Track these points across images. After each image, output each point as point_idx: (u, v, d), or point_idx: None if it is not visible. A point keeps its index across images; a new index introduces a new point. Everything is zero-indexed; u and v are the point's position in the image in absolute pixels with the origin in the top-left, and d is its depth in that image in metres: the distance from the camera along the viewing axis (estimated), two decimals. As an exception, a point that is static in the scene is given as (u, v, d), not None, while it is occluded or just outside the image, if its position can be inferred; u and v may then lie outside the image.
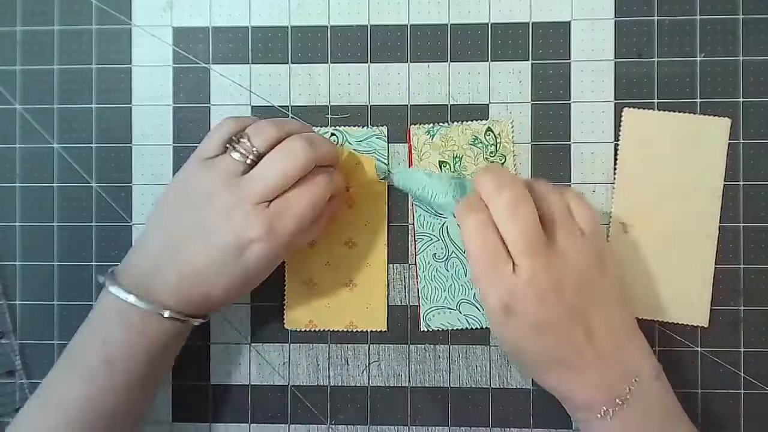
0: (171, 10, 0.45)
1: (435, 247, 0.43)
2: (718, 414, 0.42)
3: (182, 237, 0.35)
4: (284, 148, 0.36)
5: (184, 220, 0.36)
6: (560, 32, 0.43)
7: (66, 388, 0.35)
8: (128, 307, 0.35)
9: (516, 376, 0.43)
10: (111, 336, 0.35)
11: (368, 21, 0.44)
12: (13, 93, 0.45)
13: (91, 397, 0.34)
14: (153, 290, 0.35)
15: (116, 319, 0.35)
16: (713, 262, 0.42)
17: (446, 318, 0.43)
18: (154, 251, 0.36)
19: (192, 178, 0.37)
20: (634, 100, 0.43)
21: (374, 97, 0.44)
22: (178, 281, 0.35)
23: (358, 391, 0.44)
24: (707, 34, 0.43)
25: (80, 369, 0.35)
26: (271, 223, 0.35)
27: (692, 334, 0.43)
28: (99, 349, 0.35)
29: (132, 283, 0.35)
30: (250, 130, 0.37)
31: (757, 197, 0.42)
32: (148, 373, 0.36)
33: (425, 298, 0.43)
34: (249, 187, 0.35)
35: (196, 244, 0.35)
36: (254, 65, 0.45)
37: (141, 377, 0.36)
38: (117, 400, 0.35)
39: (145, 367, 0.36)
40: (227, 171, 0.36)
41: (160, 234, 0.36)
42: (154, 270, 0.35)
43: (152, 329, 0.35)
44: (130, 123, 0.45)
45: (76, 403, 0.34)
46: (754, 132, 0.42)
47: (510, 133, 0.43)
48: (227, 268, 0.35)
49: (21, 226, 0.45)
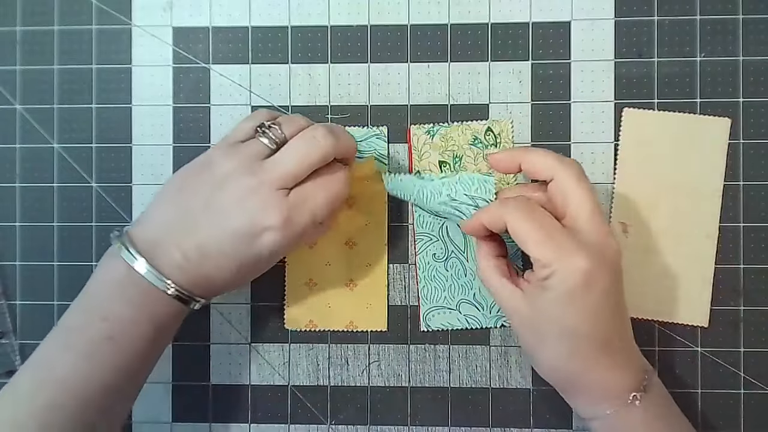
0: (171, 10, 0.45)
1: (435, 247, 0.43)
2: (718, 414, 0.42)
3: (193, 215, 0.34)
4: (306, 135, 0.36)
5: (197, 197, 0.35)
6: (560, 32, 0.43)
7: (65, 363, 0.33)
8: (130, 281, 0.34)
9: (516, 376, 0.43)
10: (113, 312, 0.34)
11: (368, 21, 0.44)
12: (13, 93, 0.45)
13: (92, 373, 0.33)
14: (156, 264, 0.34)
15: (119, 294, 0.34)
16: (713, 262, 0.42)
17: (446, 318, 0.43)
18: (161, 224, 0.35)
19: (214, 157, 0.36)
20: (634, 100, 0.43)
21: (374, 97, 0.44)
22: (182, 260, 0.34)
23: (358, 391, 0.44)
24: (707, 34, 0.43)
25: (81, 345, 0.34)
26: (289, 212, 0.34)
27: (692, 334, 0.43)
28: (100, 325, 0.34)
29: (138, 251, 0.34)
30: (283, 119, 0.37)
31: (757, 197, 0.42)
32: (149, 350, 0.35)
33: (425, 298, 0.43)
34: (269, 171, 0.34)
35: (207, 224, 0.34)
36: (254, 65, 0.45)
37: (142, 354, 0.35)
38: (118, 376, 0.34)
39: (146, 344, 0.35)
40: (251, 154, 0.35)
41: (172, 207, 0.35)
42: (158, 243, 0.34)
43: (154, 306, 0.35)
44: (130, 123, 0.45)
45: (76, 380, 0.33)
46: (754, 132, 0.42)
47: (510, 133, 0.43)
48: (236, 253, 0.35)
49: (21, 226, 0.45)
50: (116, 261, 0.34)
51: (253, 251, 0.35)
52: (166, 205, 0.36)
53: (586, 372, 0.35)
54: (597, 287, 0.33)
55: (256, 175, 0.34)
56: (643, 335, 0.42)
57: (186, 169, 0.37)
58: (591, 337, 0.34)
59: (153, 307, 0.35)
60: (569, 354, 0.34)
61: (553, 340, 0.34)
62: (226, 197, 0.34)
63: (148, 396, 0.44)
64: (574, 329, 0.34)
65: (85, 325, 0.34)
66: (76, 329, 0.35)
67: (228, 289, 0.38)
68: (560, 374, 0.36)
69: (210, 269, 0.35)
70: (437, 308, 0.43)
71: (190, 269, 0.34)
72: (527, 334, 0.36)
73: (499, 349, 0.43)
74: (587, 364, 0.34)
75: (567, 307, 0.33)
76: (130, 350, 0.34)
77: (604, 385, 0.35)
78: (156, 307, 0.35)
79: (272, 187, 0.34)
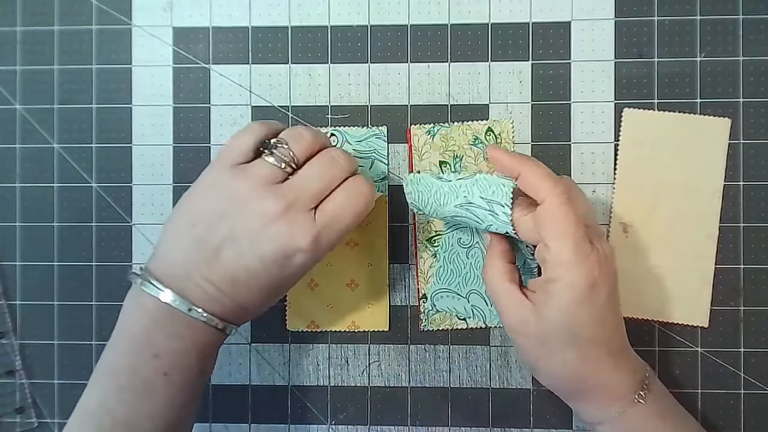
0: (171, 10, 0.45)
1: (463, 233, 0.43)
2: (718, 414, 0.42)
3: (216, 247, 0.33)
4: (328, 156, 0.35)
5: (218, 229, 0.33)
6: (560, 32, 0.43)
7: (126, 406, 0.33)
8: (169, 315, 0.33)
9: (516, 376, 0.43)
10: (163, 348, 0.33)
11: (368, 21, 0.44)
12: (13, 93, 0.45)
13: (154, 411, 0.33)
14: (190, 299, 0.33)
15: (162, 330, 0.33)
16: (713, 262, 0.42)
17: (453, 303, 0.43)
18: (184, 261, 0.34)
19: (222, 184, 0.34)
20: (634, 100, 0.43)
21: (374, 97, 0.44)
22: (215, 292, 0.34)
23: (358, 391, 0.44)
24: (707, 34, 0.43)
25: (138, 384, 0.33)
26: (320, 234, 0.33)
27: (692, 334, 0.43)
28: (153, 363, 0.33)
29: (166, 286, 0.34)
30: (287, 136, 0.35)
31: (757, 197, 0.42)
32: (198, 382, 0.35)
33: (438, 277, 0.43)
34: (294, 195, 0.33)
35: (235, 255, 0.33)
36: (254, 65, 0.45)
37: (193, 387, 0.35)
38: (177, 412, 0.34)
39: (196, 377, 0.35)
40: (265, 177, 0.33)
41: (189, 242, 0.34)
42: (187, 278, 0.33)
43: (198, 337, 0.34)
44: (130, 123, 0.45)
45: (141, 421, 0.33)
46: (754, 132, 0.42)
47: (510, 133, 0.43)
48: (269, 278, 0.34)
49: (21, 226, 0.45)
50: (146, 299, 0.34)
51: (285, 273, 0.34)
52: (183, 241, 0.34)
53: (594, 376, 0.35)
54: (603, 290, 0.33)
55: (281, 198, 0.33)
56: (643, 335, 0.43)
57: (192, 197, 0.35)
58: (597, 341, 0.34)
59: (197, 338, 0.34)
60: (579, 360, 0.34)
61: (562, 347, 0.34)
62: (252, 225, 0.33)
63: (148, 396, 0.44)
64: (582, 334, 0.34)
65: (137, 365, 0.33)
66: (127, 371, 0.33)
67: (262, 311, 0.37)
68: (569, 382, 0.35)
69: (244, 296, 0.34)
70: (447, 291, 0.43)
71: (224, 300, 0.34)
72: (533, 345, 0.35)
73: (499, 349, 0.43)
74: (595, 367, 0.34)
75: (577, 311, 0.33)
76: (184, 384, 0.34)
77: (611, 387, 0.35)
78: (199, 337, 0.34)
79: (299, 210, 0.33)
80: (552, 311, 0.34)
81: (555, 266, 0.33)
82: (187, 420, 0.36)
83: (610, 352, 0.34)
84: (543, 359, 0.35)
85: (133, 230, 0.45)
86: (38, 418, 0.45)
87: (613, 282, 0.34)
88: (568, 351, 0.34)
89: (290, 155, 0.34)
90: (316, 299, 0.44)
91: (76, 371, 0.45)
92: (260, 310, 0.36)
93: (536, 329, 0.35)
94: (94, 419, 0.33)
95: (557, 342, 0.34)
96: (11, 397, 0.45)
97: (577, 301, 0.33)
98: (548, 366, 0.35)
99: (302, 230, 0.33)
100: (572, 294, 0.33)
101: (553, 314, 0.34)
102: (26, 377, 0.45)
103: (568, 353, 0.34)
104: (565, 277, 0.33)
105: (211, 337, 0.35)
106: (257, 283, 0.34)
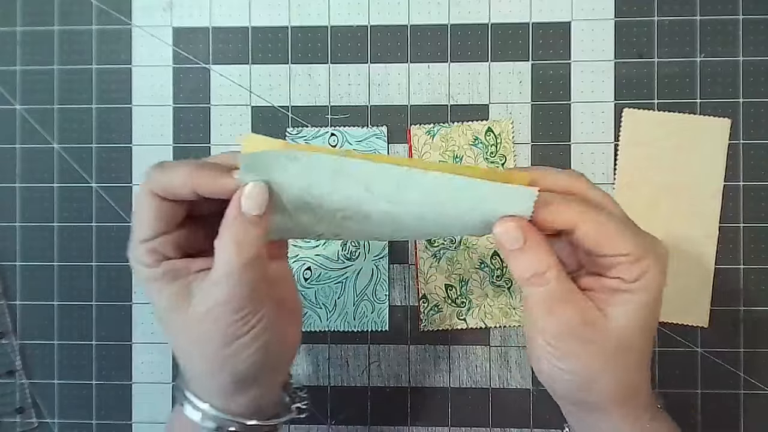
0: (171, 10, 0.45)
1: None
2: (718, 414, 0.42)
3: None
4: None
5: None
6: (560, 32, 0.43)
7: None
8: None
9: (516, 376, 0.43)
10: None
11: (368, 21, 0.44)
12: (13, 93, 0.45)
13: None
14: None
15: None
16: (713, 262, 0.42)
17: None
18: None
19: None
20: (634, 100, 0.43)
21: (374, 97, 0.44)
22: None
23: (358, 391, 0.44)
24: (707, 34, 0.43)
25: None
26: None
27: (692, 334, 0.43)
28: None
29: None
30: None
31: (757, 197, 0.42)
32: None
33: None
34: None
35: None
36: (254, 65, 0.45)
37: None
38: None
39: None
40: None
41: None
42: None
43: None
44: (130, 123, 0.45)
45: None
46: (754, 132, 0.42)
47: (510, 134, 0.43)
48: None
49: (21, 226, 0.45)
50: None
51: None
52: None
53: (641, 384, 0.31)
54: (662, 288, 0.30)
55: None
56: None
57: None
58: (648, 345, 0.31)
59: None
60: (634, 367, 0.30)
61: (629, 351, 0.29)
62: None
63: (148, 396, 0.44)
64: (651, 334, 0.30)
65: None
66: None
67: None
68: (617, 394, 0.30)
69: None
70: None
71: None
72: (594, 350, 0.29)
73: (499, 349, 0.43)
74: (643, 375, 0.31)
75: (654, 311, 0.30)
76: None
77: (646, 395, 0.31)
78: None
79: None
80: (631, 311, 0.29)
81: (630, 266, 0.29)
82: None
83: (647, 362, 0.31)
84: (600, 371, 0.30)
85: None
86: (38, 418, 0.45)
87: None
88: (627, 357, 0.30)
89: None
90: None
91: (76, 371, 0.45)
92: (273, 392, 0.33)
93: (604, 333, 0.29)
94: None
95: (627, 345, 0.29)
96: (11, 397, 0.45)
97: (657, 300, 0.30)
98: (609, 374, 0.30)
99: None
100: (657, 292, 0.29)
101: (631, 314, 0.29)
102: (26, 377, 0.45)
103: (627, 360, 0.30)
104: (648, 273, 0.29)
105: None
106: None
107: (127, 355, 0.45)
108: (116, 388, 0.45)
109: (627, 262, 0.29)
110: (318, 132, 0.44)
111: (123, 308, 0.45)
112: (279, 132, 0.44)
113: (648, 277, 0.29)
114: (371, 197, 0.27)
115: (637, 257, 0.29)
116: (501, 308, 0.43)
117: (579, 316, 0.29)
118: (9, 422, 0.45)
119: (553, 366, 0.30)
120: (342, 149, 0.38)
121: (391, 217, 0.28)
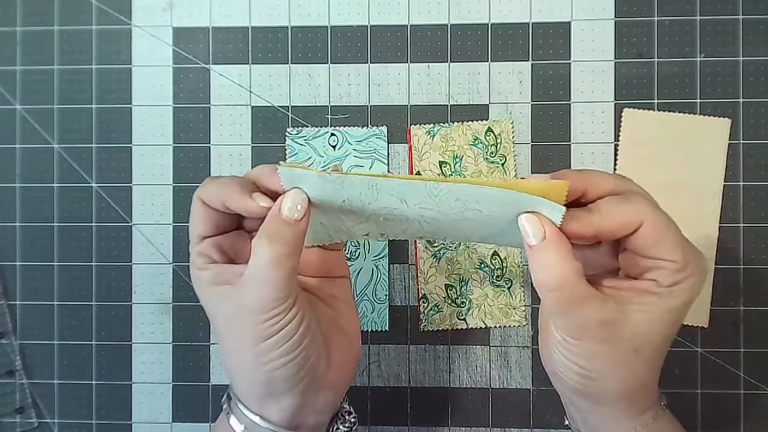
0: (171, 10, 0.45)
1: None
2: (718, 414, 0.42)
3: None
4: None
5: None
6: (560, 32, 0.43)
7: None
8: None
9: (516, 376, 0.43)
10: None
11: (368, 21, 0.44)
12: (13, 93, 0.45)
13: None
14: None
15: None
16: (713, 262, 0.42)
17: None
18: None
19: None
20: (634, 100, 0.43)
21: (374, 97, 0.44)
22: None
23: (358, 391, 0.44)
24: (707, 34, 0.43)
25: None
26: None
27: (692, 334, 0.43)
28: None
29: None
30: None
31: (757, 197, 0.42)
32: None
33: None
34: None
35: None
36: (254, 65, 0.45)
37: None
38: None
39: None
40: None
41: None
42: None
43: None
44: (130, 123, 0.45)
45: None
46: (754, 132, 0.43)
47: (510, 134, 0.43)
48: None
49: (21, 226, 0.45)
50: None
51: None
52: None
53: (650, 381, 0.31)
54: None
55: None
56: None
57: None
58: (666, 348, 0.31)
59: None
60: (647, 367, 0.30)
61: (641, 354, 0.29)
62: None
63: (148, 396, 0.44)
64: (666, 341, 0.30)
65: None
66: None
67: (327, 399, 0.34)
68: (625, 390, 0.30)
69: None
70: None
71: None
72: (611, 349, 0.29)
73: (499, 349, 0.43)
74: (654, 374, 0.31)
75: (679, 319, 0.30)
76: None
77: (652, 391, 0.32)
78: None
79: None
80: (656, 314, 0.29)
81: (673, 273, 0.29)
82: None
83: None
84: (619, 366, 0.29)
85: (133, 230, 0.45)
86: (38, 418, 0.45)
87: None
88: (649, 355, 0.30)
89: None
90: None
91: (76, 371, 0.45)
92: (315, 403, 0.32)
93: (622, 333, 0.29)
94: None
95: (643, 346, 0.29)
96: (11, 397, 0.45)
97: (686, 310, 0.30)
98: (621, 372, 0.30)
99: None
100: (689, 303, 0.29)
101: (656, 317, 0.29)
102: (26, 377, 0.45)
103: (647, 358, 0.30)
104: (685, 283, 0.29)
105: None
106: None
107: (127, 355, 0.45)
108: (116, 388, 0.45)
109: (670, 268, 0.29)
110: (318, 132, 0.44)
111: (123, 308, 0.45)
112: (279, 132, 0.44)
113: (684, 286, 0.29)
114: (407, 208, 0.29)
115: (682, 266, 0.29)
116: (501, 308, 0.43)
117: (598, 315, 0.28)
118: (9, 422, 0.45)
119: (565, 359, 0.30)
120: (380, 172, 0.38)
121: (429, 222, 0.30)
